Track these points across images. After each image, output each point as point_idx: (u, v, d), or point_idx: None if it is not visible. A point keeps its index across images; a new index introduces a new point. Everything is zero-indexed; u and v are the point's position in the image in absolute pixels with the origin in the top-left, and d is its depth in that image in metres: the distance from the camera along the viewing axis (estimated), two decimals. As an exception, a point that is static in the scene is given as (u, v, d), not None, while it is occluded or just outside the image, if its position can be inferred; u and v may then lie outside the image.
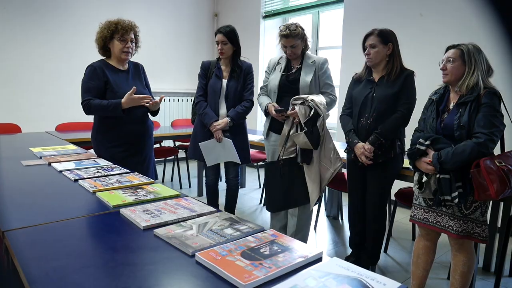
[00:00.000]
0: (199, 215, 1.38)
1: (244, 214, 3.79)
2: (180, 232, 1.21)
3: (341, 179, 3.04)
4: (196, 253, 1.05)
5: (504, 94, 1.97)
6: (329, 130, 2.65)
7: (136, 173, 1.98)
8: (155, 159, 2.82)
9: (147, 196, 1.59)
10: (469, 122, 1.90)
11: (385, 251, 2.95)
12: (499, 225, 2.61)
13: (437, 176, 1.93)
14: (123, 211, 1.40)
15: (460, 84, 1.98)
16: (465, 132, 1.91)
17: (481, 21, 3.40)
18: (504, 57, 3.24)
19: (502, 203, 2.55)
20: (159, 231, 1.21)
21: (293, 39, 2.63)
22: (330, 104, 2.65)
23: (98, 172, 1.96)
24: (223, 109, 2.94)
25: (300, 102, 2.56)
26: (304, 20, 5.30)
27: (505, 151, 1.94)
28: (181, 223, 1.30)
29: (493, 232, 2.68)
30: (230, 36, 2.87)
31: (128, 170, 2.02)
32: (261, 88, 2.92)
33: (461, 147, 1.87)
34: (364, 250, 2.58)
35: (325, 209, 3.76)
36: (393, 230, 3.22)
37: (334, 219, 3.65)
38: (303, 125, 2.51)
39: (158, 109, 2.61)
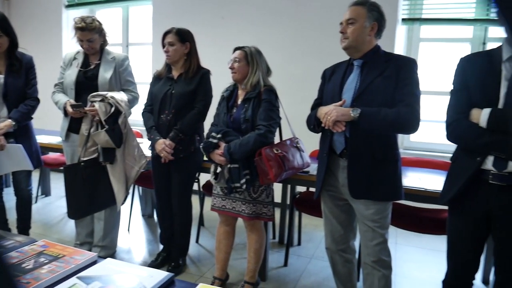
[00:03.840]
0: (-50, 236, 1.16)
1: (49, 225, 3.39)
2: None
3: (150, 176, 3.03)
4: None
5: (281, 91, 2.29)
6: (139, 128, 2.60)
7: None
8: None
9: None
10: (253, 116, 2.15)
11: (197, 241, 3.09)
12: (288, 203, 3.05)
13: (229, 166, 2.12)
14: None
15: (245, 82, 2.22)
16: (250, 125, 2.15)
17: (273, 26, 3.88)
18: (282, 61, 3.80)
19: (289, 186, 2.98)
20: None
21: (90, 33, 2.48)
22: (132, 101, 2.60)
23: None
24: (3, 111, 2.52)
25: (99, 99, 2.43)
26: (113, 14, 5.05)
27: (283, 139, 2.26)
28: None
29: (284, 210, 3.12)
30: (2, 26, 2.45)
31: None
32: (55, 85, 2.65)
33: (246, 138, 2.10)
34: (174, 243, 2.64)
35: (140, 209, 3.70)
36: (205, 220, 3.39)
37: (149, 217, 3.62)
38: (104, 123, 2.39)
39: None
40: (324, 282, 2.56)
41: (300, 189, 3.02)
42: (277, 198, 3.05)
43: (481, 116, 1.49)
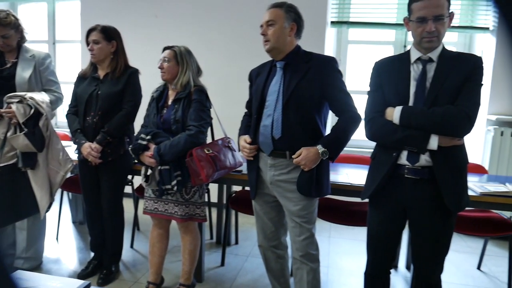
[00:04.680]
0: None
1: (-36, 238, 3.10)
2: None
3: (78, 181, 2.88)
4: None
5: (216, 91, 2.28)
6: (67, 130, 2.45)
7: None
8: None
9: None
10: (183, 116, 2.13)
11: (132, 246, 2.99)
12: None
13: (159, 167, 2.08)
14: None
15: (176, 82, 2.19)
16: (181, 126, 2.12)
17: (209, 25, 3.86)
18: (217, 61, 3.80)
19: (225, 185, 2.98)
20: None
21: (4, 29, 2.32)
22: (56, 102, 2.46)
23: None
24: None
25: (17, 100, 2.27)
26: (37, 9, 4.73)
27: (215, 139, 2.26)
28: None
29: (221, 210, 3.12)
30: None
31: None
32: (-35, 85, 2.42)
33: (176, 139, 2.07)
34: (105, 250, 2.54)
35: (71, 215, 3.50)
36: (140, 224, 3.30)
37: (80, 224, 3.43)
38: (23, 126, 2.24)
39: None
40: (260, 279, 2.60)
41: (237, 188, 3.04)
42: (214, 198, 3.05)
43: (394, 113, 1.60)
